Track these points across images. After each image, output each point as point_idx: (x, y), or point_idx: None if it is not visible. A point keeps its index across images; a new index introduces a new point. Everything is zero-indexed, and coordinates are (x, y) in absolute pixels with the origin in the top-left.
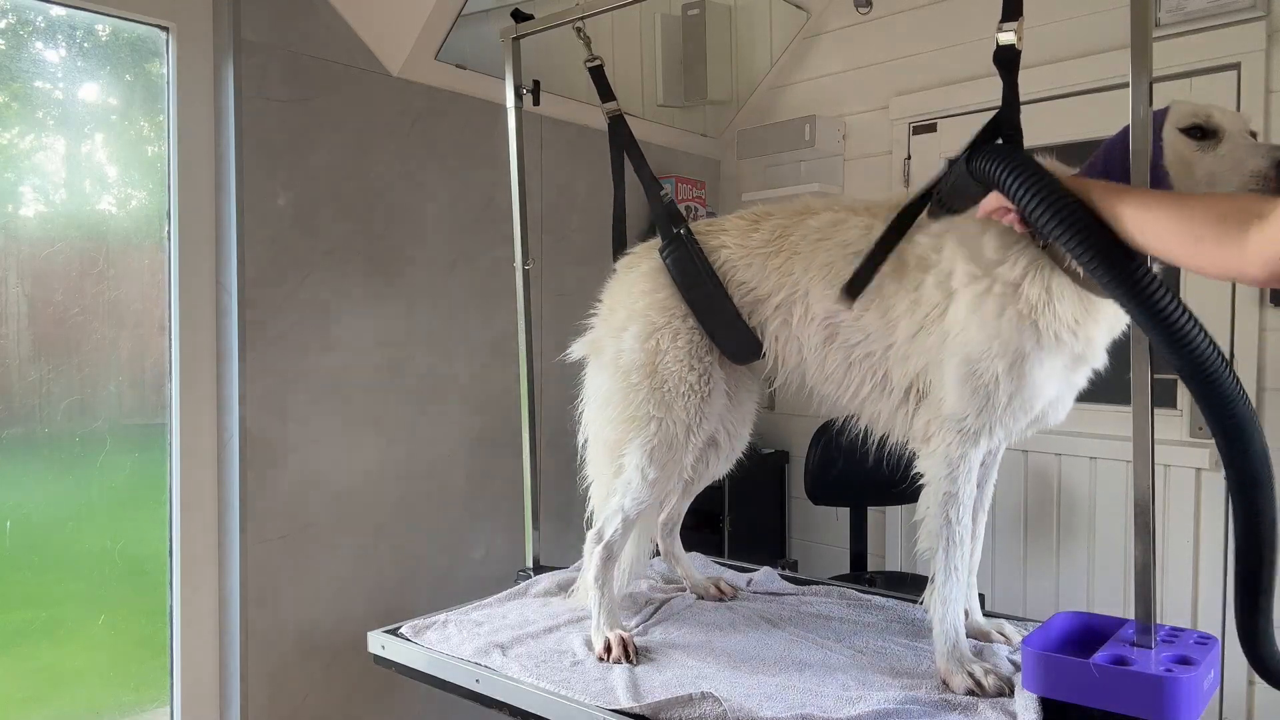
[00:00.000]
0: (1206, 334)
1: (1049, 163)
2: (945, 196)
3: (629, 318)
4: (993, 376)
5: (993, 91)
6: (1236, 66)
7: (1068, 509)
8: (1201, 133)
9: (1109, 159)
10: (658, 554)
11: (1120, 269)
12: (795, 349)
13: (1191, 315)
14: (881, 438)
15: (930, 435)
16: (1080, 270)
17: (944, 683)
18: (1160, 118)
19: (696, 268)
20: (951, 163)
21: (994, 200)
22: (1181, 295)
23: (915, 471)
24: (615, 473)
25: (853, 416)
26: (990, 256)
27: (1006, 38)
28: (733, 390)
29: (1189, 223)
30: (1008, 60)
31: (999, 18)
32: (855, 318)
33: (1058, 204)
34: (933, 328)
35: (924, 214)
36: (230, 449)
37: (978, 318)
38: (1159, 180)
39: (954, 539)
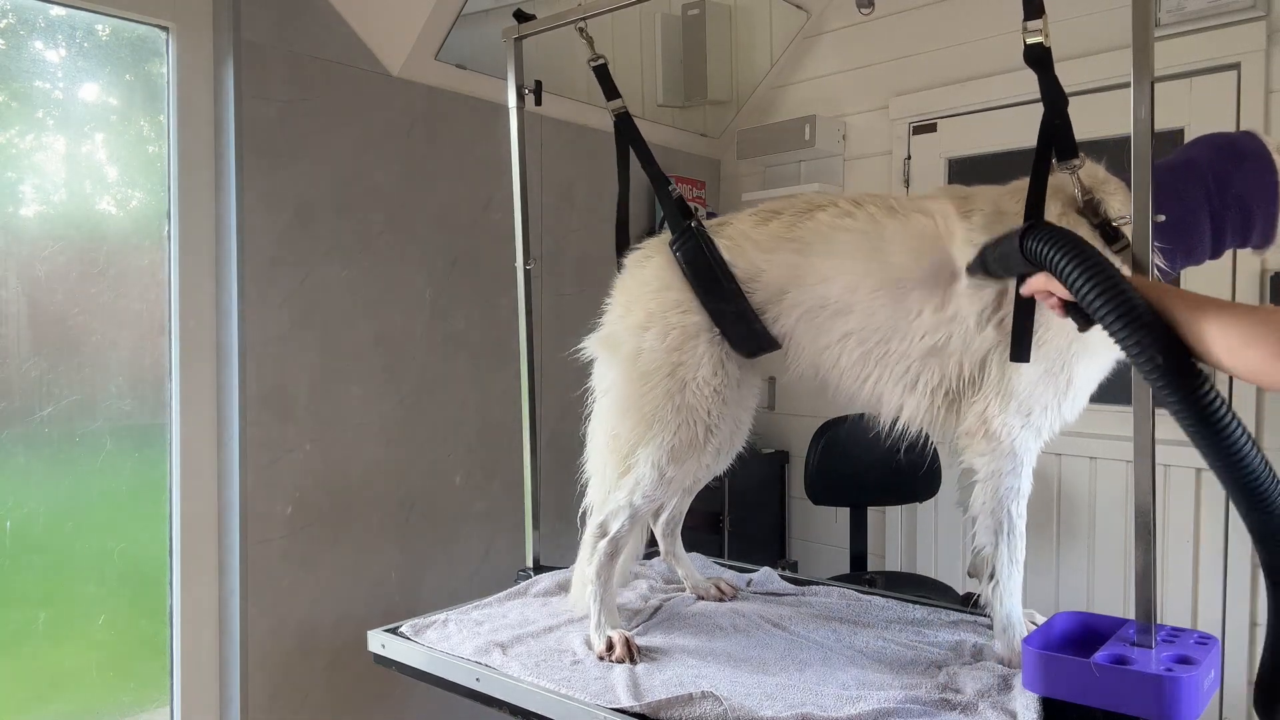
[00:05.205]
0: (1265, 461)
1: (1090, 164)
2: (990, 262)
3: (648, 318)
4: (1070, 371)
5: (993, 91)
6: (1236, 66)
7: (1068, 509)
8: None
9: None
10: (657, 554)
11: (1192, 394)
12: (811, 344)
13: (1252, 442)
14: (899, 431)
15: (993, 430)
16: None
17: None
18: (1258, 146)
19: (708, 261)
20: (1002, 237)
21: (1040, 282)
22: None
23: (966, 466)
24: (624, 471)
25: (868, 412)
26: None
27: (1034, 37)
28: (741, 386)
29: (1268, 340)
30: (1040, 58)
31: (999, 18)
32: (910, 314)
33: (1130, 311)
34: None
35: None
36: (230, 449)
37: None
38: None
39: (1016, 532)
